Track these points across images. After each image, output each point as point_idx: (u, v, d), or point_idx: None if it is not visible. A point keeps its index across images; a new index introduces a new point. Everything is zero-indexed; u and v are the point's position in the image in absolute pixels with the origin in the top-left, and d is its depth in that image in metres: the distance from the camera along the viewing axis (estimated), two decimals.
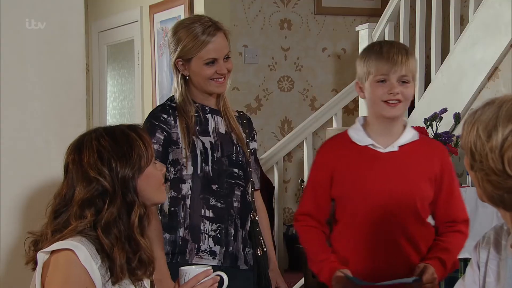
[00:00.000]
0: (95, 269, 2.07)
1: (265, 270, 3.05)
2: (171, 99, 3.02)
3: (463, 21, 5.14)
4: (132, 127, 2.22)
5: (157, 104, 5.81)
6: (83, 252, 2.06)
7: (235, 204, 2.97)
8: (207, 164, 2.93)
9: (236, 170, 2.98)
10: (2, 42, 2.78)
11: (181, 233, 2.93)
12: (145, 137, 2.21)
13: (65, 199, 2.16)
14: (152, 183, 2.20)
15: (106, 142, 2.16)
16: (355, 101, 5.75)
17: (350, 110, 6.12)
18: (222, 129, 3.00)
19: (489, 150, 1.80)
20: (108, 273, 2.10)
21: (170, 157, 2.94)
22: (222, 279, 2.25)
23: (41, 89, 2.86)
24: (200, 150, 2.93)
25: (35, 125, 2.86)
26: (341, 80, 6.12)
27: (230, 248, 2.95)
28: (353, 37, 5.99)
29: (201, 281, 2.19)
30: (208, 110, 3.01)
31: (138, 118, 6.14)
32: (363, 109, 5.44)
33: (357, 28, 5.53)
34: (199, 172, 2.92)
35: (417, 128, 4.35)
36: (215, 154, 2.94)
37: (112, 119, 6.77)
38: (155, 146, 2.89)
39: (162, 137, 2.92)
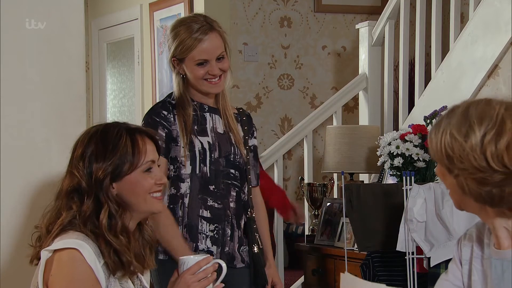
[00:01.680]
0: (99, 268, 2.07)
1: (261, 267, 3.04)
2: (170, 95, 3.02)
3: (463, 19, 5.14)
4: (133, 131, 2.21)
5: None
6: (87, 250, 2.06)
7: (231, 204, 2.97)
8: (205, 165, 2.93)
9: (232, 170, 2.98)
10: (2, 42, 2.78)
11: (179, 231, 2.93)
12: (139, 144, 2.18)
13: (59, 188, 2.20)
14: (135, 190, 2.18)
15: (94, 141, 2.17)
16: (355, 99, 5.75)
17: (350, 108, 6.12)
18: (220, 128, 2.99)
19: (470, 149, 1.83)
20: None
21: (169, 154, 2.93)
22: (220, 267, 2.27)
23: (41, 87, 2.87)
24: (199, 150, 2.92)
25: (36, 124, 2.86)
26: (341, 78, 6.12)
27: (227, 248, 2.95)
28: (353, 35, 5.99)
29: (203, 268, 2.20)
30: (206, 109, 3.00)
31: (138, 116, 6.13)
32: (363, 107, 5.44)
33: (357, 26, 5.53)
34: (197, 171, 2.92)
35: (417, 126, 4.36)
36: (212, 155, 2.94)
37: (112, 117, 6.76)
38: (159, 142, 2.89)
39: (164, 134, 2.92)
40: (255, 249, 3.03)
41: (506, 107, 1.85)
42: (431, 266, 3.53)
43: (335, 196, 4.97)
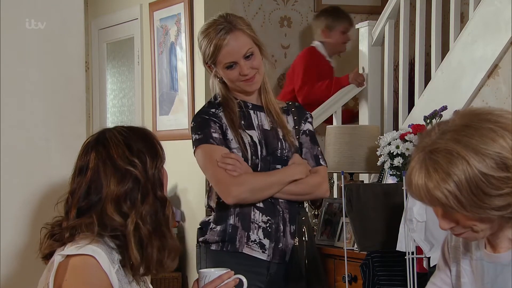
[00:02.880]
0: (113, 274, 2.06)
1: (297, 261, 2.96)
2: (215, 97, 3.02)
3: (463, 19, 5.13)
4: (145, 128, 2.23)
5: (157, 102, 5.83)
6: (103, 257, 2.05)
7: (281, 199, 2.95)
8: (257, 157, 2.92)
9: (279, 166, 2.95)
10: (2, 42, 2.78)
11: (231, 221, 2.92)
12: (158, 139, 2.21)
13: (89, 195, 2.12)
14: (166, 182, 2.21)
15: (132, 137, 2.15)
16: (355, 99, 5.74)
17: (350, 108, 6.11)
18: (267, 125, 2.98)
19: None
20: (128, 273, 2.11)
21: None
22: (241, 282, 2.27)
23: (41, 87, 2.87)
24: (248, 142, 2.92)
25: (35, 124, 2.86)
26: None
27: (281, 245, 2.93)
28: (353, 35, 5.99)
29: (225, 281, 2.20)
30: (250, 106, 2.99)
31: (137, 116, 6.13)
32: (363, 107, 5.44)
33: (357, 26, 5.52)
34: (249, 163, 2.91)
35: (417, 126, 4.36)
36: (262, 151, 2.93)
37: (112, 116, 6.76)
38: (216, 135, 2.92)
39: (217, 126, 2.93)
40: (296, 241, 2.97)
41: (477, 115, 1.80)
42: (431, 266, 3.53)
43: (335, 196, 4.97)
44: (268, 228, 2.91)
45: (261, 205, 2.91)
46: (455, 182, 1.73)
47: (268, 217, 2.91)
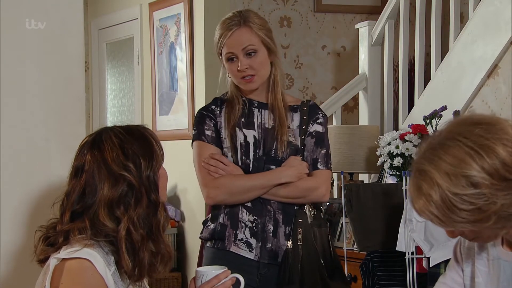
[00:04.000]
0: (109, 276, 2.06)
1: (290, 265, 2.92)
2: (224, 94, 3.05)
3: (463, 19, 5.14)
4: (143, 127, 2.21)
5: (157, 102, 5.84)
6: (99, 261, 2.05)
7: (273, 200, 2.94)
8: (248, 158, 2.92)
9: (273, 167, 2.92)
10: (2, 42, 2.78)
11: (221, 220, 2.94)
12: (157, 137, 2.20)
13: (84, 199, 2.12)
14: (164, 182, 2.20)
15: (128, 140, 2.14)
16: (355, 99, 5.75)
17: (350, 108, 6.12)
18: (269, 123, 2.96)
19: (484, 186, 1.74)
20: (125, 276, 2.11)
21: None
22: (238, 281, 2.27)
23: (41, 87, 2.87)
24: (240, 142, 2.92)
25: (35, 123, 2.86)
26: (340, 77, 6.12)
27: (269, 245, 2.91)
28: (353, 35, 5.99)
29: (222, 281, 2.20)
30: (256, 104, 2.98)
31: (137, 116, 6.13)
32: (362, 107, 5.44)
33: (356, 26, 5.53)
34: (239, 164, 2.92)
35: (417, 126, 4.37)
36: (257, 151, 2.93)
37: (111, 116, 6.76)
38: (209, 132, 2.95)
39: (212, 124, 2.95)
40: (289, 244, 2.92)
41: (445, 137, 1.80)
42: (431, 266, 3.53)
43: (335, 196, 4.97)
44: (254, 227, 2.91)
45: (249, 204, 2.92)
46: (433, 203, 1.77)
47: (254, 217, 2.91)
